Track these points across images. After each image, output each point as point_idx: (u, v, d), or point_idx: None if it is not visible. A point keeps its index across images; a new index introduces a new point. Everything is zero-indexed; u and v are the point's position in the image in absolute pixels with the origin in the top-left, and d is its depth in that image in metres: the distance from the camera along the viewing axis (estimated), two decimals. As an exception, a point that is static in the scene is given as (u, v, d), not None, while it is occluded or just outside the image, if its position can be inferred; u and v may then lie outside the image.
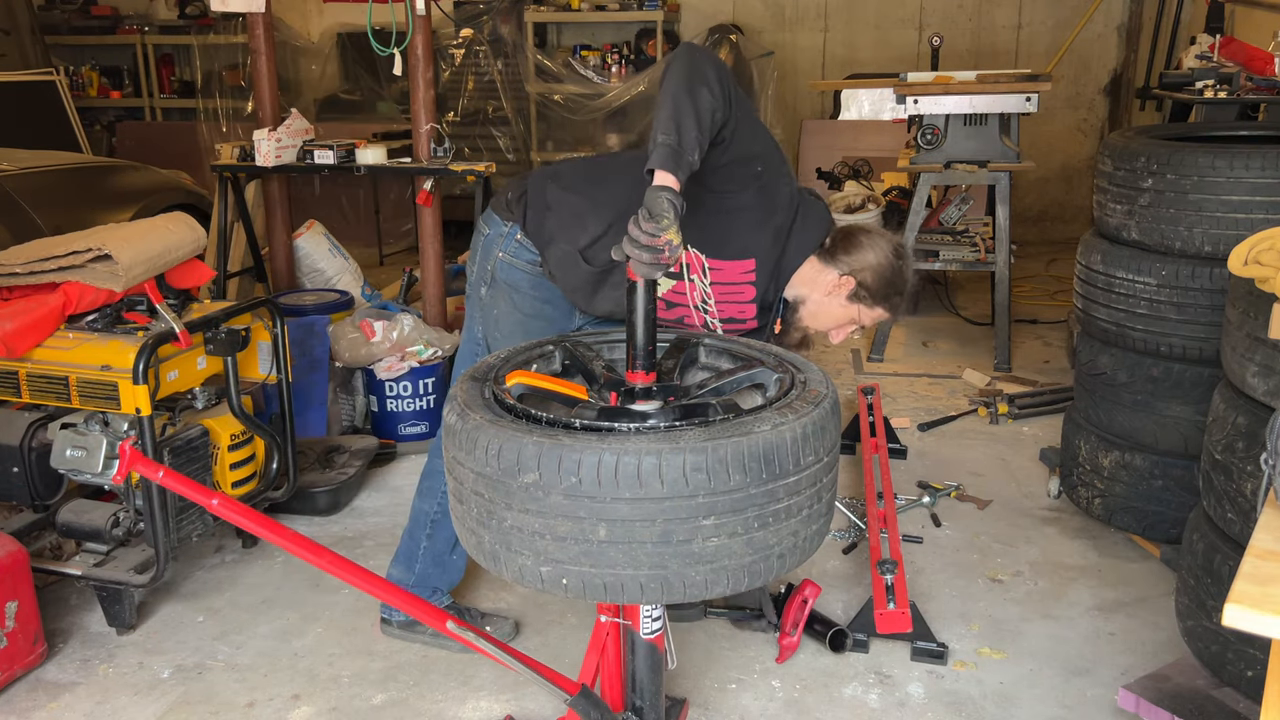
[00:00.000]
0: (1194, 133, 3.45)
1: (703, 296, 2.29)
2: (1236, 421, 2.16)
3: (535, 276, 2.41)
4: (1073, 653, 2.70)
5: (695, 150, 1.87)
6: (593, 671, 2.03)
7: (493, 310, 2.45)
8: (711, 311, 2.31)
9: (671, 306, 2.31)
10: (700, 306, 2.30)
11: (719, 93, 1.95)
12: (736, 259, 2.25)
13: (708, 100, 1.92)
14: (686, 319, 2.33)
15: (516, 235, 2.39)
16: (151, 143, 7.50)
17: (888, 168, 6.21)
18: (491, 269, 2.43)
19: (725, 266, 2.25)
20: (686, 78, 1.93)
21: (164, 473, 2.01)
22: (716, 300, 2.29)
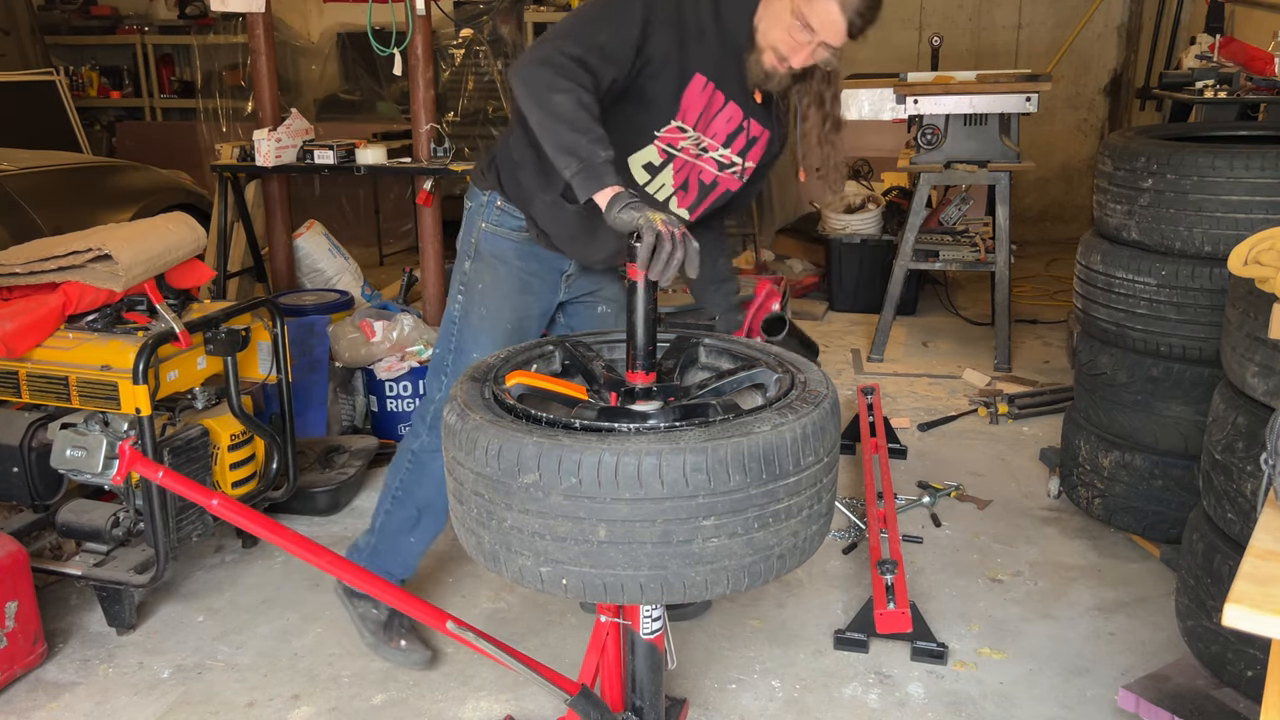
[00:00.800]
0: (1194, 133, 3.45)
1: (716, 163, 2.25)
2: (1236, 421, 2.16)
3: (521, 244, 2.37)
4: (1073, 653, 2.70)
5: (598, 146, 1.87)
6: (593, 671, 2.03)
7: (477, 284, 2.40)
8: (734, 162, 2.26)
9: (708, 191, 2.28)
10: (725, 167, 2.26)
11: (569, 79, 1.92)
12: (692, 96, 2.14)
13: (566, 102, 1.90)
14: (704, 177, 2.26)
15: (497, 202, 2.35)
16: (151, 143, 7.50)
17: (888, 168, 6.21)
18: (475, 241, 2.39)
19: (689, 102, 2.14)
20: (537, 104, 1.94)
21: (164, 473, 2.01)
22: (728, 148, 2.24)
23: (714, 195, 2.31)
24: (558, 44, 1.98)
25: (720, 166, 2.27)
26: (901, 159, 5.10)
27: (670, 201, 2.27)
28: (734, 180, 2.30)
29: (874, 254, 5.74)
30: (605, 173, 1.86)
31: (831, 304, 5.93)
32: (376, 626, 2.60)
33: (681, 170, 2.24)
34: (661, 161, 2.21)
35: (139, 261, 2.79)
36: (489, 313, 2.39)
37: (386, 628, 2.60)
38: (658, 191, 2.25)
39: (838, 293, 5.91)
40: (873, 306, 5.46)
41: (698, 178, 2.27)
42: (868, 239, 5.76)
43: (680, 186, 2.26)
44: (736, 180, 2.31)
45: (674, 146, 2.19)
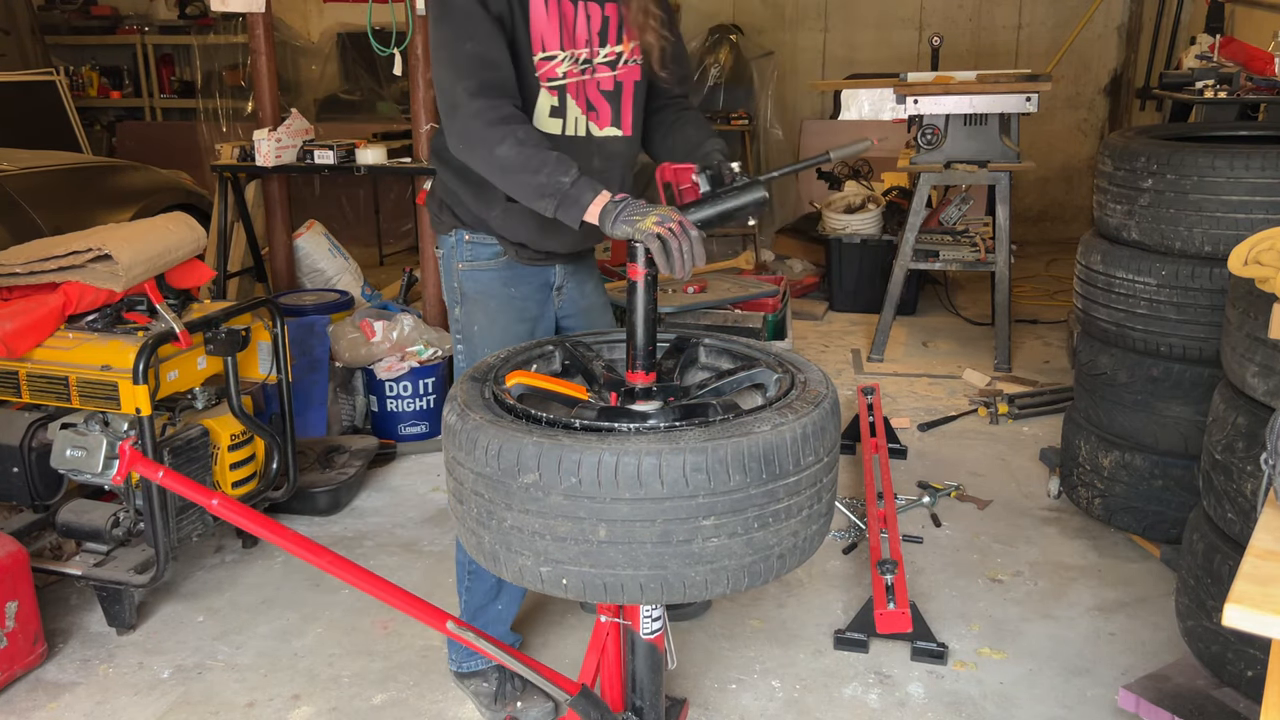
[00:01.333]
0: (1194, 133, 3.45)
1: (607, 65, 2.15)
2: (1236, 421, 2.16)
3: (502, 269, 2.30)
4: (1073, 653, 2.70)
5: (558, 173, 1.88)
6: (593, 671, 2.03)
7: (473, 328, 2.33)
8: (620, 52, 2.15)
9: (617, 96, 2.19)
10: (618, 63, 2.16)
11: (495, 121, 1.94)
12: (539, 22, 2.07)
13: (508, 151, 1.92)
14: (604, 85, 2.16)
15: (465, 238, 2.29)
16: (151, 143, 7.51)
17: (888, 168, 6.21)
18: (459, 286, 2.32)
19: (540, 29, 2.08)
20: (487, 167, 1.98)
21: (164, 473, 2.01)
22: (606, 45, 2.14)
23: (628, 97, 2.20)
24: (455, 90, 1.97)
25: (613, 65, 2.16)
26: (901, 159, 5.10)
27: (590, 129, 2.17)
28: (635, 69, 2.19)
29: (874, 254, 5.74)
30: (580, 194, 1.87)
31: (831, 304, 5.93)
32: (489, 699, 2.50)
33: (579, 94, 2.14)
34: (558, 99, 2.11)
35: (139, 261, 2.79)
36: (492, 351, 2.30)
37: (499, 698, 2.51)
38: (575, 128, 2.15)
39: (838, 293, 5.91)
40: (873, 306, 5.46)
41: (599, 91, 2.16)
42: (868, 239, 5.76)
43: (588, 109, 2.15)
44: (637, 68, 2.19)
45: (554, 78, 2.10)
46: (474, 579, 2.47)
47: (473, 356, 2.32)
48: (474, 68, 1.98)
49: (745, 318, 4.30)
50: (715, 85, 7.07)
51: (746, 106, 7.03)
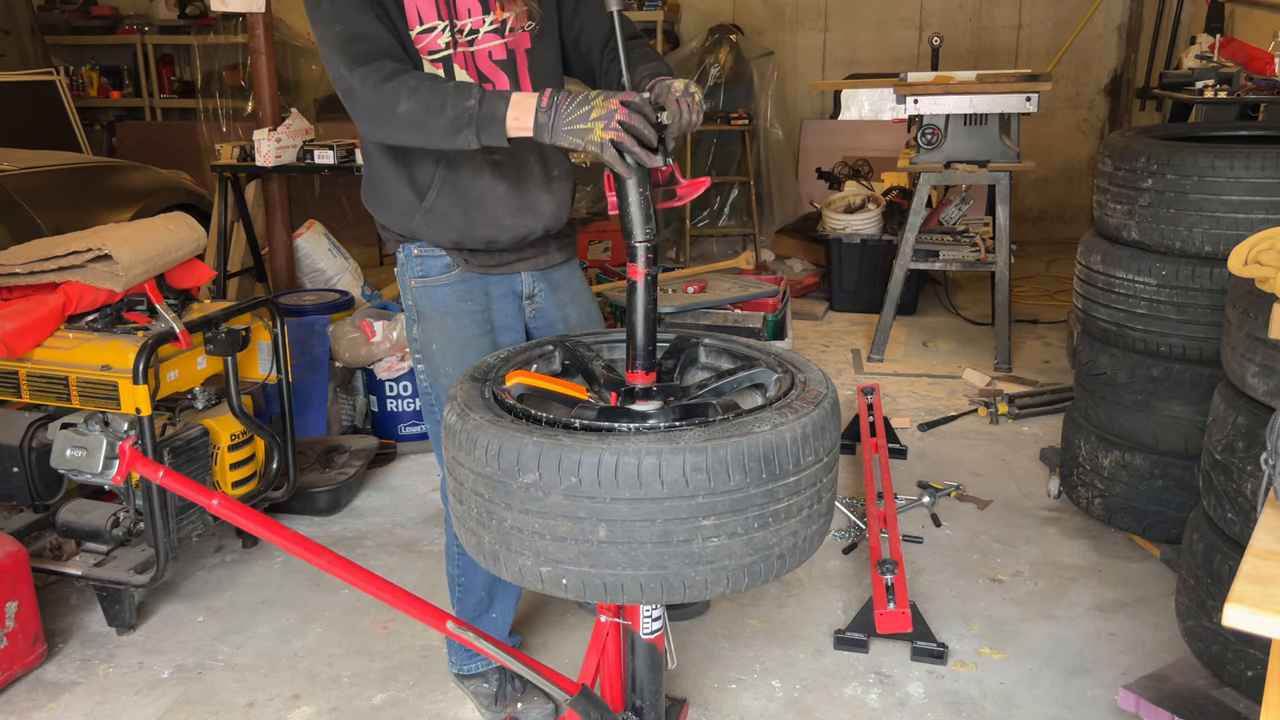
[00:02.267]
0: (1194, 133, 3.45)
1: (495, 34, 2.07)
2: (1236, 421, 2.16)
3: (456, 283, 2.20)
4: (1073, 653, 2.70)
5: (461, 97, 1.82)
6: (593, 671, 2.03)
7: (431, 346, 2.22)
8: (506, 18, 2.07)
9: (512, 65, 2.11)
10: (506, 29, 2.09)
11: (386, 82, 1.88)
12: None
13: (407, 102, 1.86)
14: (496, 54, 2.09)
15: (414, 251, 2.19)
16: (151, 143, 7.51)
17: (888, 168, 6.21)
18: (414, 303, 2.22)
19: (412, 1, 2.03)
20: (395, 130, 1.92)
21: (163, 473, 2.01)
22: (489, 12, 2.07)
23: (523, 64, 2.11)
24: (339, 74, 1.93)
25: (500, 33, 2.08)
26: (901, 159, 5.10)
27: None
28: (524, 36, 2.11)
29: (874, 254, 5.74)
30: (494, 108, 1.81)
31: (831, 304, 5.93)
32: (489, 700, 2.49)
33: (467, 65, 2.06)
34: (442, 71, 2.04)
35: (139, 261, 2.79)
36: (455, 370, 2.18)
37: (499, 699, 2.49)
38: None
39: (838, 293, 5.91)
40: (873, 306, 5.46)
41: (490, 60, 2.08)
42: (868, 239, 5.76)
43: (480, 80, 2.07)
44: (526, 34, 2.11)
45: (436, 50, 2.03)
46: (464, 590, 2.45)
47: (434, 375, 2.23)
48: (346, 45, 1.93)
49: (745, 318, 4.30)
50: (715, 85, 7.07)
51: (746, 106, 7.03)
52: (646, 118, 1.74)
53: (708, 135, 7.03)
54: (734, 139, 6.97)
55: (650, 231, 1.79)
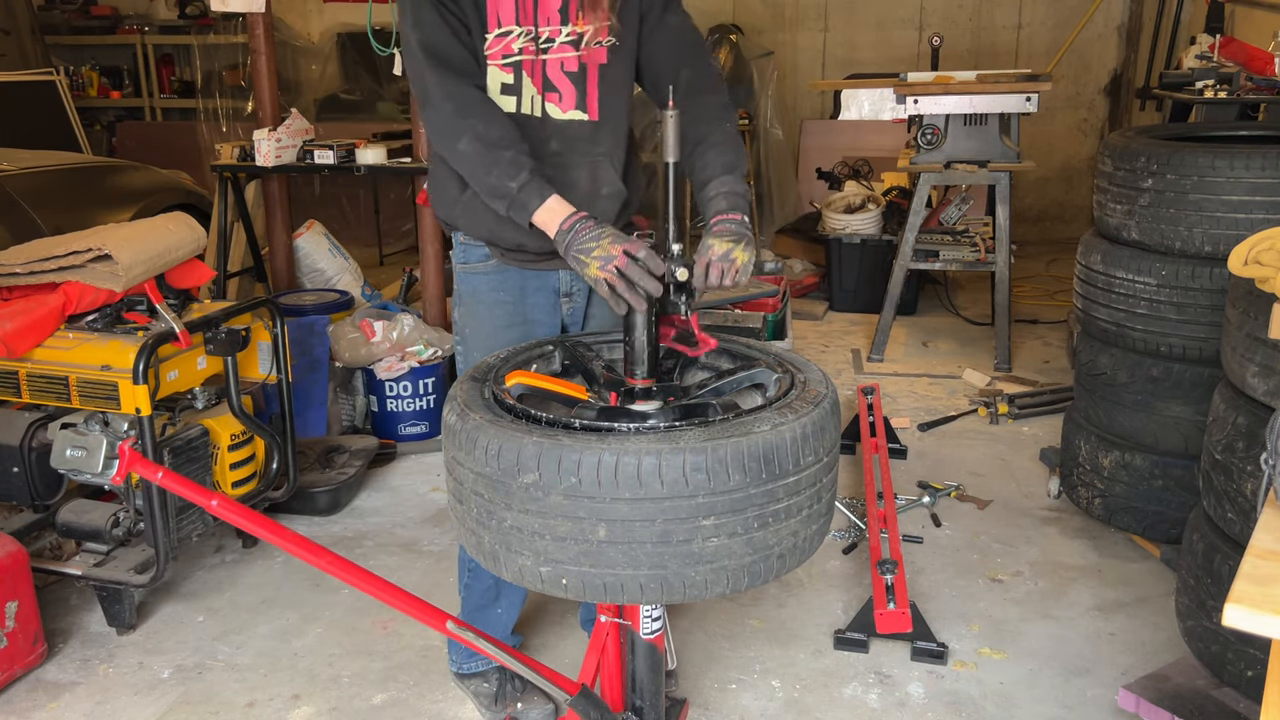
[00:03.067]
0: (1194, 133, 3.45)
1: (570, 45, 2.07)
2: (1236, 421, 2.16)
3: (492, 273, 2.24)
4: (1073, 653, 2.70)
5: (507, 176, 1.91)
6: (593, 671, 2.03)
7: (465, 329, 2.30)
8: (584, 32, 2.07)
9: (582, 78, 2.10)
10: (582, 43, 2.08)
11: (460, 113, 1.96)
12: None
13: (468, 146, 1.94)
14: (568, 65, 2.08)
15: (460, 238, 2.25)
16: (151, 143, 7.51)
17: (888, 168, 6.21)
18: (457, 287, 2.30)
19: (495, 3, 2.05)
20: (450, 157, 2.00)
21: (163, 474, 2.01)
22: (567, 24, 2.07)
23: (593, 79, 2.10)
24: (423, 83, 1.99)
25: (576, 45, 2.08)
26: (901, 159, 5.10)
27: (546, 109, 2.09)
28: (600, 52, 2.09)
29: (874, 254, 5.74)
30: (528, 199, 1.90)
31: (831, 304, 5.93)
32: (489, 700, 2.49)
33: (535, 73, 2.07)
34: (512, 77, 2.06)
35: (139, 261, 2.79)
36: (483, 355, 2.15)
37: (499, 699, 2.49)
38: (531, 107, 2.08)
39: (838, 293, 5.91)
40: (873, 306, 5.46)
41: (561, 71, 2.08)
42: (868, 239, 5.76)
43: (546, 89, 2.08)
44: (603, 50, 2.09)
45: (510, 54, 2.05)
46: (473, 577, 2.45)
47: (468, 358, 2.31)
48: (427, 54, 1.98)
49: (745, 318, 4.30)
50: (715, 85, 7.07)
51: (746, 106, 7.02)
52: (650, 271, 1.76)
53: (708, 135, 7.01)
54: (734, 139, 6.96)
55: (644, 372, 1.82)
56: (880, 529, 3.07)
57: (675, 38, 2.18)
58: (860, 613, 2.74)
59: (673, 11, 2.18)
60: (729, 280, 1.86)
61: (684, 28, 2.20)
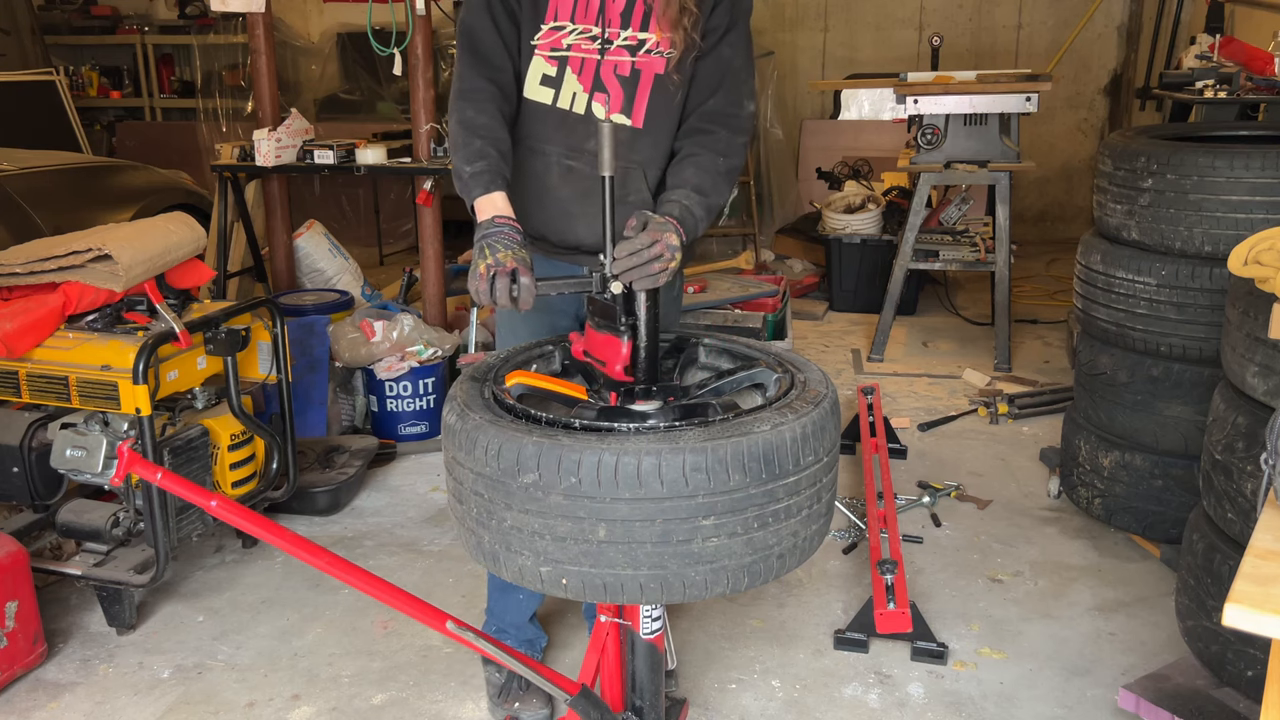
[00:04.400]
0: (1194, 133, 3.45)
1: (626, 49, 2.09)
2: (1236, 421, 2.16)
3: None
4: (1073, 653, 2.70)
5: (469, 154, 1.97)
6: (593, 671, 2.03)
7: (503, 313, 2.28)
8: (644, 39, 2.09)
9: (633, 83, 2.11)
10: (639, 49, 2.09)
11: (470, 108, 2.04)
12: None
13: (457, 131, 2.02)
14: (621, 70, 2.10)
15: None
16: (151, 143, 7.51)
17: (888, 168, 6.21)
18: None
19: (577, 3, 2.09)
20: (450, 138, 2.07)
21: (162, 474, 2.01)
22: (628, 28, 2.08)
23: (645, 87, 2.11)
24: (458, 57, 2.11)
25: (633, 50, 2.09)
26: (901, 159, 5.10)
27: (592, 108, 2.10)
28: (658, 61, 2.09)
29: (874, 254, 5.74)
30: (470, 188, 1.97)
31: (831, 304, 5.93)
32: (494, 690, 2.51)
33: (585, 71, 2.09)
34: (556, 70, 2.10)
35: (139, 261, 2.79)
36: (510, 341, 2.24)
37: (503, 691, 2.50)
38: (571, 103, 2.10)
39: (838, 293, 5.91)
40: (873, 306, 5.46)
41: (614, 74, 2.10)
42: (868, 239, 5.76)
43: (596, 88, 2.10)
44: (661, 60, 2.09)
45: (559, 49, 2.08)
46: None
47: (503, 343, 2.33)
48: (462, 37, 2.10)
49: (745, 318, 4.30)
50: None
51: (746, 106, 7.02)
52: (512, 297, 1.77)
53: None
54: (734, 139, 6.95)
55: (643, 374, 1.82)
56: (880, 529, 3.07)
57: (722, 67, 2.15)
58: (860, 613, 2.74)
59: (729, 44, 2.13)
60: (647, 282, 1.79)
61: (734, 60, 2.15)
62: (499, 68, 2.09)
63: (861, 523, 3.30)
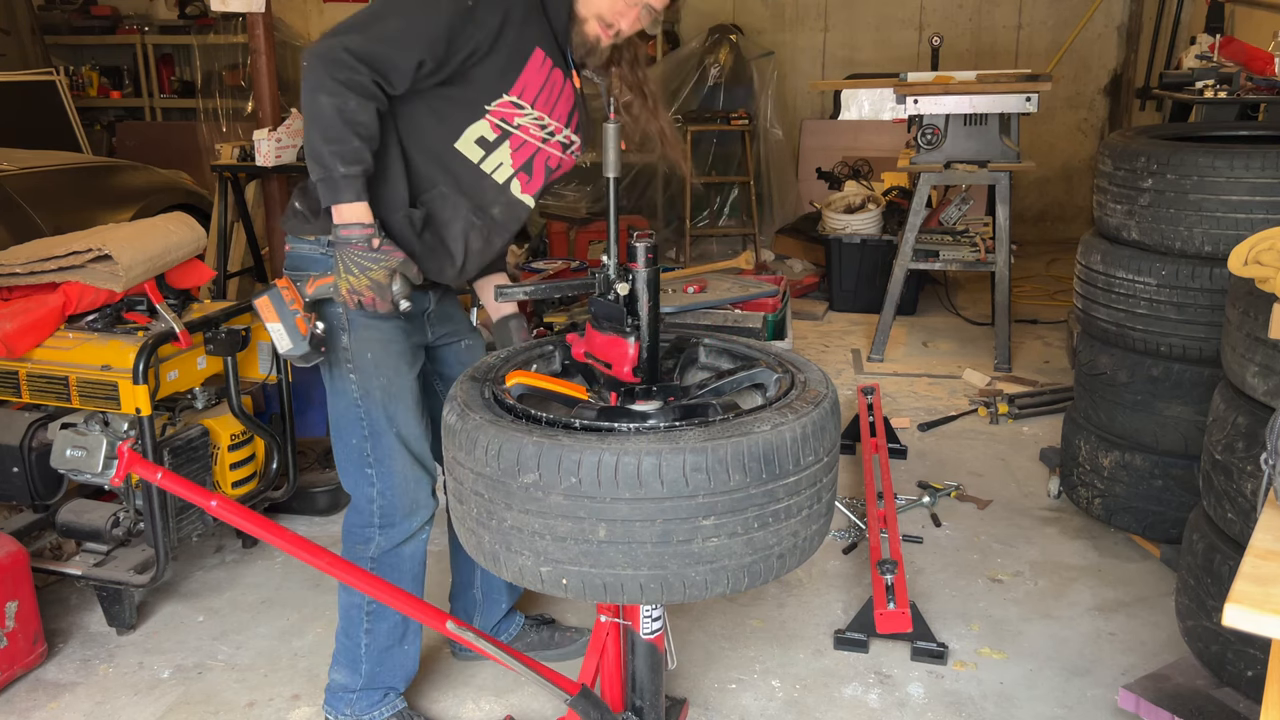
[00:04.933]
0: (1194, 133, 3.45)
1: (561, 145, 2.20)
2: (1236, 421, 2.16)
3: None
4: (1073, 653, 2.70)
5: (338, 161, 1.89)
6: (593, 671, 2.03)
7: (365, 355, 2.14)
8: (574, 141, 2.22)
9: (552, 173, 2.23)
10: (567, 148, 2.22)
11: (339, 81, 1.88)
12: (531, 73, 2.10)
13: (328, 107, 1.88)
14: (550, 161, 2.21)
15: None
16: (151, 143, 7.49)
17: (888, 168, 6.21)
18: (344, 312, 2.11)
19: (527, 78, 2.10)
20: (305, 103, 1.92)
21: (162, 474, 2.01)
22: (570, 128, 2.20)
23: (556, 176, 2.27)
24: (343, 38, 1.91)
25: (564, 148, 2.22)
26: (901, 159, 5.10)
27: (512, 184, 2.17)
28: (571, 159, 2.26)
29: (874, 254, 5.74)
30: (342, 190, 1.92)
31: (831, 304, 5.93)
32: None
33: (522, 150, 2.16)
34: (496, 137, 2.12)
35: (139, 262, 2.79)
36: (390, 380, 2.16)
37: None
38: (495, 170, 2.14)
39: (838, 293, 5.91)
40: (873, 306, 5.46)
41: (544, 163, 2.20)
42: (868, 239, 5.76)
43: (522, 168, 2.17)
44: (572, 158, 2.26)
45: (509, 123, 2.12)
46: (374, 619, 2.30)
47: (366, 388, 2.15)
48: (374, 38, 1.93)
49: (745, 318, 4.29)
50: (715, 85, 7.07)
51: (746, 106, 7.03)
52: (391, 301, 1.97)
53: (708, 135, 7.03)
54: (734, 139, 6.97)
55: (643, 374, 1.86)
56: (880, 529, 3.07)
57: None
58: (860, 613, 2.74)
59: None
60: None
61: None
62: (393, 85, 1.97)
63: (861, 523, 3.30)
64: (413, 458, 2.23)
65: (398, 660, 2.36)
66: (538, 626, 2.71)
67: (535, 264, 5.28)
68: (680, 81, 7.05)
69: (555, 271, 4.84)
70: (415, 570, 2.32)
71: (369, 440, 2.20)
